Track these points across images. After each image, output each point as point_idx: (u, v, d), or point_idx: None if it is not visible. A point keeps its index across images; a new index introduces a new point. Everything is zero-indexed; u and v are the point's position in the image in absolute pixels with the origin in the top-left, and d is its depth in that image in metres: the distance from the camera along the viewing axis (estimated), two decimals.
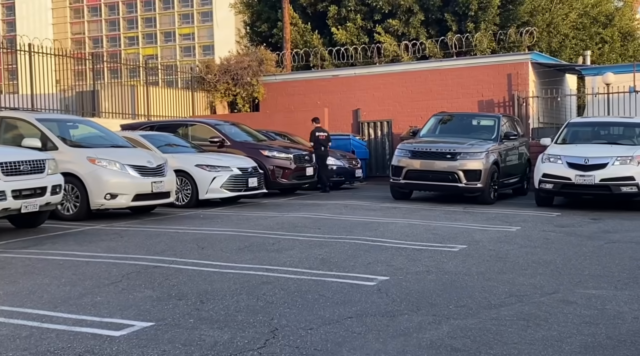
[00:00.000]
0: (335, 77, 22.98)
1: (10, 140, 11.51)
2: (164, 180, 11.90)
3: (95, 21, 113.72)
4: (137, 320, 5.35)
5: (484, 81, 20.77)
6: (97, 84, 20.78)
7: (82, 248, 8.62)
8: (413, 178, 14.38)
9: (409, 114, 21.51)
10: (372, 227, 10.68)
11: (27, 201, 9.51)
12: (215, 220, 11.56)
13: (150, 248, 8.63)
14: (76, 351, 4.64)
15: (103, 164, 11.32)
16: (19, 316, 5.48)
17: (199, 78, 23.74)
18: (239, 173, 13.78)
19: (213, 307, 5.77)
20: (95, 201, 11.20)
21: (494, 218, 11.99)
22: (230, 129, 16.27)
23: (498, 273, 7.28)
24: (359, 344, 4.82)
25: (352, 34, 26.46)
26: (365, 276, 7.01)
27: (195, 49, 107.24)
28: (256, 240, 9.31)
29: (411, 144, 14.82)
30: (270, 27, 28.14)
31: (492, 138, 15.04)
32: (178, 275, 7.03)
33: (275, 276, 6.97)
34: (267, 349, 4.69)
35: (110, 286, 6.53)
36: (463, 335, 5.04)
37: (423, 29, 25.98)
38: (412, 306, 5.85)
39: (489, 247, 8.91)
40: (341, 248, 8.67)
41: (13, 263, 7.66)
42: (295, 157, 15.86)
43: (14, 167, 9.44)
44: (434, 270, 7.36)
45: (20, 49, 17.62)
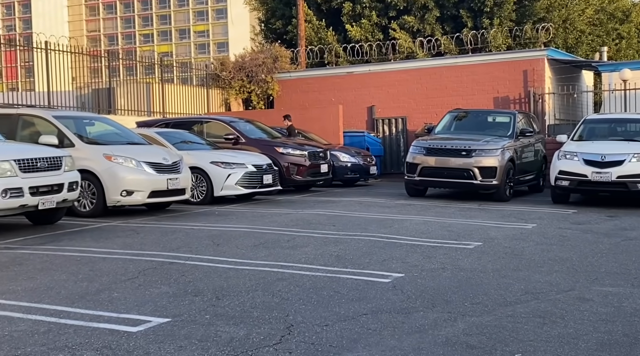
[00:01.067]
0: (349, 74, 22.96)
1: (27, 138, 11.60)
2: (179, 177, 11.95)
3: (110, 19, 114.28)
4: (153, 316, 5.39)
5: (500, 78, 20.68)
6: (113, 81, 20.88)
7: (98, 245, 8.68)
8: (428, 175, 14.35)
9: (423, 111, 21.46)
10: (386, 223, 10.68)
11: (44, 198, 9.58)
12: (230, 216, 11.60)
13: (166, 245, 8.67)
14: (94, 346, 4.67)
15: (119, 161, 11.39)
16: (37, 311, 5.53)
17: (214, 75, 23.80)
18: (253, 170, 13.81)
19: (229, 303, 5.79)
20: (112, 198, 11.27)
21: (510, 215, 11.94)
22: (245, 126, 16.30)
23: (514, 270, 7.26)
24: (375, 341, 4.83)
25: (367, 30, 26.42)
26: (380, 273, 7.02)
27: (210, 46, 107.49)
28: (271, 236, 9.34)
29: (426, 141, 14.78)
30: (284, 24, 28.15)
31: (508, 135, 14.97)
32: (194, 272, 7.06)
33: (290, 273, 6.99)
34: (283, 345, 4.71)
35: (126, 283, 6.57)
36: (478, 332, 5.04)
37: (438, 25, 25.90)
38: (427, 303, 5.85)
39: (504, 244, 8.88)
40: (356, 245, 8.68)
41: (31, 260, 7.73)
42: (309, 154, 15.87)
43: (31, 164, 9.51)
44: (449, 267, 7.35)
45: (36, 46, 17.74)
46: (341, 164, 17.89)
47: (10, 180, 9.18)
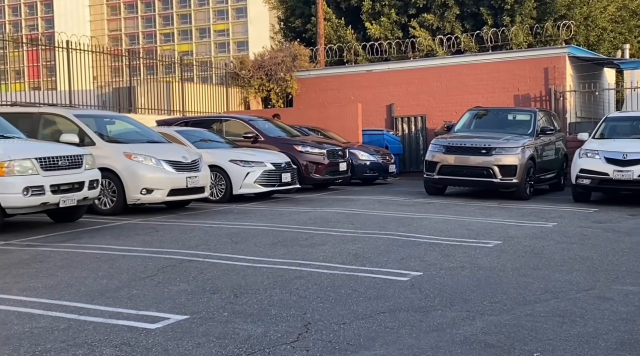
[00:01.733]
0: (369, 72, 22.92)
1: (48, 136, 11.71)
2: (198, 175, 12.00)
3: (131, 18, 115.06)
4: (172, 313, 5.42)
5: (520, 75, 20.54)
6: (134, 80, 21.00)
7: (118, 242, 8.74)
8: (447, 173, 14.29)
9: (443, 109, 21.37)
10: (405, 222, 10.65)
11: (65, 196, 9.66)
12: (248, 215, 11.63)
13: (185, 243, 8.71)
14: (113, 343, 4.71)
15: (139, 159, 11.45)
16: (57, 308, 5.58)
17: (233, 74, 23.86)
18: (272, 169, 13.83)
19: (247, 301, 5.81)
20: (132, 196, 11.35)
21: (530, 214, 11.86)
22: (264, 125, 16.33)
23: (533, 269, 7.21)
24: (392, 339, 4.82)
25: (386, 28, 26.35)
26: (399, 271, 7.00)
27: (230, 45, 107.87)
28: (289, 235, 9.35)
29: (445, 139, 14.73)
30: (304, 22, 28.16)
31: (528, 133, 14.87)
32: (212, 269, 7.09)
33: (308, 271, 6.99)
34: (300, 343, 4.71)
35: (146, 280, 6.61)
36: (497, 331, 5.01)
37: (458, 23, 25.78)
38: (445, 301, 5.83)
39: (524, 242, 8.82)
40: (374, 244, 8.66)
41: (52, 257, 7.80)
42: (328, 152, 15.87)
43: (52, 162, 9.59)
44: (468, 266, 7.32)
45: (58, 45, 17.89)
46: (360, 162, 17.87)
47: (32, 178, 9.27)
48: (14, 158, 9.21)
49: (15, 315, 5.39)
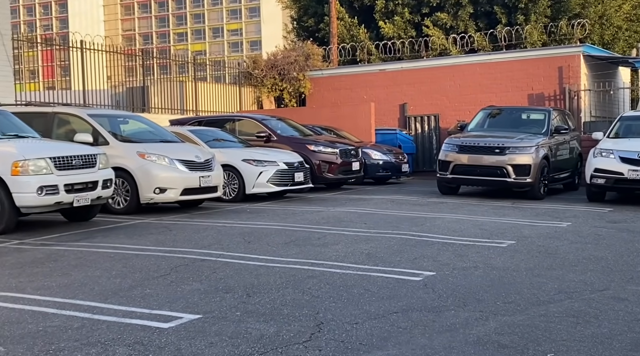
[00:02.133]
0: (382, 71, 22.88)
1: (62, 135, 11.77)
2: (211, 174, 12.02)
3: (145, 18, 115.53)
4: (185, 313, 5.43)
5: (534, 74, 20.43)
6: (147, 80, 21.07)
7: (132, 241, 8.77)
8: (460, 173, 14.25)
9: (456, 108, 21.30)
10: (418, 221, 10.62)
11: (79, 195, 9.70)
12: (261, 214, 11.64)
13: (198, 242, 8.73)
14: (126, 342, 4.72)
15: (152, 159, 11.49)
16: (71, 307, 5.61)
17: (246, 73, 23.90)
18: (285, 168, 13.84)
19: (259, 300, 5.81)
20: (145, 195, 11.39)
21: (544, 213, 11.80)
22: (277, 124, 16.34)
23: (547, 269, 7.17)
24: (405, 339, 4.80)
25: (400, 27, 26.30)
26: (411, 271, 6.98)
27: (243, 45, 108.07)
28: (302, 234, 9.35)
29: (459, 138, 14.68)
30: (317, 21, 28.15)
31: (542, 133, 14.80)
32: (225, 269, 7.10)
33: (320, 271, 6.99)
34: (313, 343, 4.71)
35: (159, 279, 6.63)
36: (511, 331, 4.99)
37: (472, 21, 25.69)
38: (458, 302, 5.80)
39: (538, 242, 8.78)
40: (387, 243, 8.65)
41: (65, 256, 7.84)
42: (341, 151, 15.86)
43: (66, 162, 9.64)
44: (482, 266, 7.29)
45: (72, 45, 17.98)
46: (373, 162, 17.84)
47: (46, 177, 9.32)
48: (29, 157, 9.27)
49: (29, 314, 5.42)
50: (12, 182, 9.14)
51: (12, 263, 7.47)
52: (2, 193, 9.17)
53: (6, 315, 5.39)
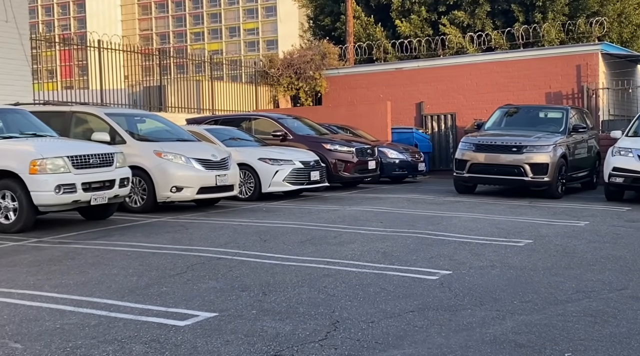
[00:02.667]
0: (398, 70, 22.83)
1: (80, 134, 11.85)
2: (227, 173, 12.05)
3: (162, 17, 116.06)
4: (201, 311, 5.44)
5: (552, 73, 20.30)
6: (164, 79, 21.16)
7: (148, 240, 8.81)
8: (477, 171, 14.19)
9: (473, 107, 21.22)
10: (434, 220, 10.59)
11: (96, 193, 9.76)
12: (277, 213, 11.65)
13: (214, 240, 8.75)
14: (142, 340, 4.74)
15: (169, 158, 11.53)
16: (88, 305, 5.64)
17: (263, 72, 23.93)
18: (301, 167, 13.85)
19: (275, 299, 5.81)
20: (162, 194, 11.43)
21: (561, 212, 11.72)
22: (293, 123, 16.35)
23: (565, 268, 7.11)
24: (421, 338, 4.78)
25: (416, 26, 26.23)
26: (428, 270, 6.96)
27: (259, 44, 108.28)
28: (318, 233, 9.34)
29: (475, 137, 14.61)
30: (333, 20, 28.14)
31: (560, 131, 14.70)
32: (241, 267, 7.11)
33: (336, 269, 6.98)
34: (329, 341, 4.70)
35: (175, 277, 6.65)
36: (528, 330, 4.95)
37: (489, 20, 25.57)
38: (475, 301, 5.77)
39: (555, 241, 8.72)
40: (403, 242, 8.62)
41: (83, 254, 7.88)
42: (357, 150, 15.83)
43: (83, 160, 9.70)
44: (498, 265, 7.24)
45: (90, 45, 18.09)
46: (389, 161, 17.81)
47: (64, 176, 9.38)
48: (47, 156, 9.34)
49: (47, 312, 5.46)
50: (30, 180, 9.21)
51: (30, 261, 7.52)
52: (21, 192, 9.25)
53: (24, 313, 5.43)
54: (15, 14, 14.79)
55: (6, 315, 5.37)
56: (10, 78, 14.65)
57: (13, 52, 14.79)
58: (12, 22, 14.74)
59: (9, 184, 9.34)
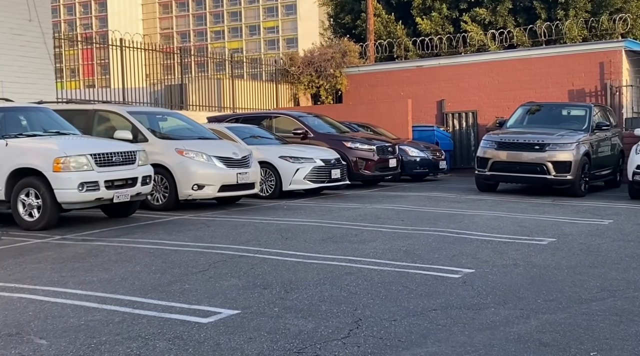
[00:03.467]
0: (419, 68, 22.75)
1: (103, 132, 11.93)
2: (248, 171, 12.07)
3: (183, 16, 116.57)
4: (223, 308, 5.46)
5: (575, 70, 20.13)
6: (185, 78, 21.26)
7: (170, 237, 8.85)
8: (499, 169, 14.10)
9: (495, 105, 21.10)
10: (456, 219, 10.53)
11: (118, 191, 9.82)
12: (298, 211, 11.66)
13: (235, 238, 8.77)
14: (166, 336, 4.76)
15: (190, 156, 11.58)
16: (112, 302, 5.68)
17: (283, 70, 23.95)
18: (321, 165, 13.84)
19: (297, 297, 5.81)
20: (183, 192, 11.48)
21: (585, 211, 11.62)
22: (314, 121, 16.35)
23: (589, 267, 7.05)
24: (444, 336, 4.76)
25: (437, 23, 26.11)
26: (450, 268, 6.93)
27: (280, 42, 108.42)
28: (339, 231, 9.34)
29: (497, 135, 14.52)
30: (353, 18, 28.10)
31: (583, 129, 14.57)
32: (263, 265, 7.12)
33: (358, 267, 6.97)
34: (351, 339, 4.69)
35: (197, 275, 6.68)
36: (552, 329, 4.91)
37: (511, 17, 25.39)
38: (498, 299, 5.74)
39: (579, 240, 8.64)
40: (425, 240, 8.59)
41: (106, 251, 7.94)
42: (378, 148, 15.80)
43: (106, 158, 9.77)
44: (522, 263, 7.19)
45: (112, 44, 18.21)
46: (410, 159, 17.75)
47: (87, 173, 9.46)
48: (70, 154, 9.41)
49: (71, 308, 5.50)
50: (54, 178, 9.29)
51: (54, 258, 7.59)
52: (44, 190, 9.33)
53: (49, 309, 5.48)
54: (39, 13, 14.92)
55: (31, 311, 5.42)
56: (34, 77, 14.78)
57: (36, 51, 14.92)
58: (35, 21, 14.87)
59: (33, 182, 9.44)
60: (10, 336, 4.79)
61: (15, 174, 9.55)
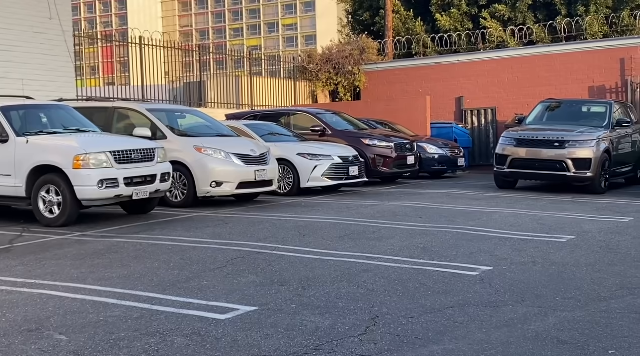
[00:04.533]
0: (438, 65, 22.66)
1: (122, 130, 12.00)
2: (266, 168, 12.10)
3: (202, 14, 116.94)
4: (241, 304, 5.48)
5: (595, 66, 19.97)
6: (204, 75, 21.34)
7: (189, 234, 8.89)
8: (518, 167, 14.02)
9: (514, 101, 20.97)
10: (474, 216, 10.49)
11: (138, 188, 9.88)
12: (316, 208, 11.66)
13: (253, 235, 8.80)
14: (184, 333, 4.79)
15: (209, 153, 11.62)
16: (131, 298, 5.72)
17: (301, 68, 23.97)
18: (340, 162, 13.83)
19: (314, 293, 5.82)
20: (202, 189, 11.53)
21: (605, 208, 11.52)
22: (332, 118, 16.34)
23: (608, 265, 7.00)
24: (462, 334, 4.75)
25: (456, 20, 26.00)
26: (468, 266, 6.90)
27: (298, 39, 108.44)
28: (357, 228, 9.33)
29: (517, 132, 14.44)
30: (372, 15, 28.04)
31: (604, 126, 14.45)
32: (280, 262, 7.14)
33: (375, 265, 6.97)
34: (368, 336, 4.70)
35: (215, 271, 6.71)
36: (570, 327, 4.88)
37: (530, 13, 25.22)
38: (516, 297, 5.71)
39: (599, 237, 8.57)
40: (443, 238, 8.57)
41: (125, 248, 7.99)
42: (396, 145, 15.76)
43: (126, 156, 9.83)
44: (540, 261, 7.15)
45: (131, 41, 18.31)
46: (428, 156, 17.70)
47: (106, 171, 9.52)
48: (90, 151, 9.48)
49: (90, 304, 5.55)
50: (74, 175, 9.37)
51: (73, 254, 7.66)
52: (64, 187, 9.41)
53: (68, 305, 5.53)
54: (59, 11, 15.05)
55: (51, 307, 5.48)
56: (54, 74, 14.92)
57: (57, 49, 15.05)
58: (55, 19, 15.00)
59: (53, 179, 9.52)
60: (31, 332, 4.85)
61: (35, 171, 9.64)
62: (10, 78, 13.93)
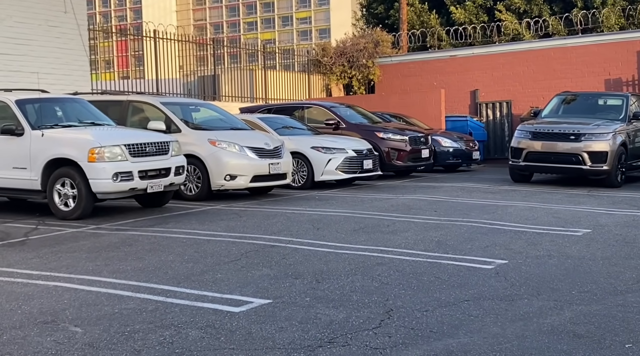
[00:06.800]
0: (452, 58, 22.55)
1: (136, 123, 12.04)
2: (280, 161, 12.09)
3: (216, 7, 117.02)
4: (255, 297, 5.48)
5: (612, 59, 19.79)
6: (218, 69, 21.36)
7: (203, 227, 8.91)
8: (533, 160, 13.93)
9: (529, 94, 20.85)
10: (489, 209, 10.44)
11: (152, 181, 9.91)
12: (330, 201, 11.65)
13: (267, 228, 8.80)
14: (198, 325, 4.80)
15: (223, 146, 11.63)
16: (146, 291, 5.74)
17: (315, 61, 23.93)
18: (354, 155, 13.80)
19: (328, 287, 5.82)
20: (216, 182, 11.54)
21: (621, 201, 11.43)
22: (346, 111, 16.31)
23: (625, 258, 6.94)
24: (477, 327, 4.73)
25: (471, 12, 25.85)
26: (483, 259, 6.87)
27: (312, 33, 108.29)
28: (371, 221, 9.31)
29: (532, 125, 14.35)
30: (386, 8, 27.95)
31: (620, 119, 14.32)
32: (294, 255, 7.14)
33: (390, 258, 6.95)
34: (382, 329, 4.68)
35: (230, 264, 6.71)
36: (586, 321, 4.85)
37: (546, 6, 25.03)
38: (532, 290, 5.68)
39: (615, 231, 8.51)
40: (457, 231, 8.53)
41: (140, 241, 8.02)
42: (410, 138, 15.71)
43: (140, 149, 9.85)
44: (556, 255, 7.11)
45: (146, 35, 18.35)
46: (443, 149, 17.63)
47: (121, 164, 9.55)
48: (104, 144, 9.51)
49: (105, 297, 5.57)
50: (89, 168, 9.40)
51: (88, 247, 7.69)
52: (79, 180, 9.45)
53: (83, 297, 5.55)
54: (74, 5, 15.10)
55: (66, 299, 5.50)
56: (69, 68, 14.98)
57: (72, 43, 15.11)
58: (70, 13, 15.05)
59: (68, 172, 9.56)
60: (46, 324, 4.87)
61: (51, 164, 9.69)
62: (25, 71, 14.00)
